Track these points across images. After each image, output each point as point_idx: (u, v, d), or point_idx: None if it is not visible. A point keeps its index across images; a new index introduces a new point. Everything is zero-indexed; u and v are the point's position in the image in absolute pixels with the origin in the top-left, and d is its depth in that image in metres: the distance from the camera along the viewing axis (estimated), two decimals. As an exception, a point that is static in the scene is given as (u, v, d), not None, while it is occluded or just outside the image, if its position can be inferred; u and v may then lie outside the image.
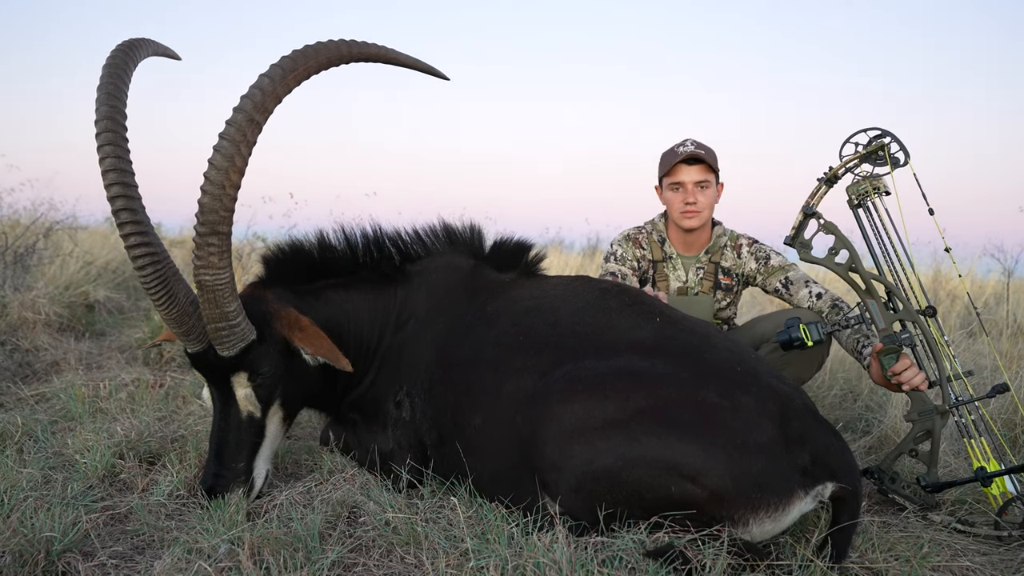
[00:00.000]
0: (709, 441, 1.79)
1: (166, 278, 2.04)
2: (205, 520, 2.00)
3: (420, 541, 1.89)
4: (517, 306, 2.41)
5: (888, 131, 2.48)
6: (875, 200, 2.52)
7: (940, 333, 2.43)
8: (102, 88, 2.01)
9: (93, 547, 1.89)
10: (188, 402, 3.29)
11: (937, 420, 2.39)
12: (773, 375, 2.07)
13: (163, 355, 4.23)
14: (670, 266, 3.27)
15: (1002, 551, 2.13)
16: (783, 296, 3.11)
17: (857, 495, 1.92)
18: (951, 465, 2.82)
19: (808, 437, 1.89)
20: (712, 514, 1.77)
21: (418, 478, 2.33)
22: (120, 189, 1.95)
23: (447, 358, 2.37)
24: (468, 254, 2.67)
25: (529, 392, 2.05)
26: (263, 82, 1.94)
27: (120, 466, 2.41)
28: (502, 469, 2.10)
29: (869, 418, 3.49)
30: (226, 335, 2.08)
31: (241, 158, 1.92)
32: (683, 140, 3.20)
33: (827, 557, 1.81)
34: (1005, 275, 6.00)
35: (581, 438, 1.85)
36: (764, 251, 3.19)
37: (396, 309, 2.56)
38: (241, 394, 2.21)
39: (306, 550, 1.83)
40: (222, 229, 1.95)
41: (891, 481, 2.44)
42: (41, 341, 4.29)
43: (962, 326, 5.42)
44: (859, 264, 2.48)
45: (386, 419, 2.45)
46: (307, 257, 2.54)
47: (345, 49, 2.06)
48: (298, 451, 2.77)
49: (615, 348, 2.10)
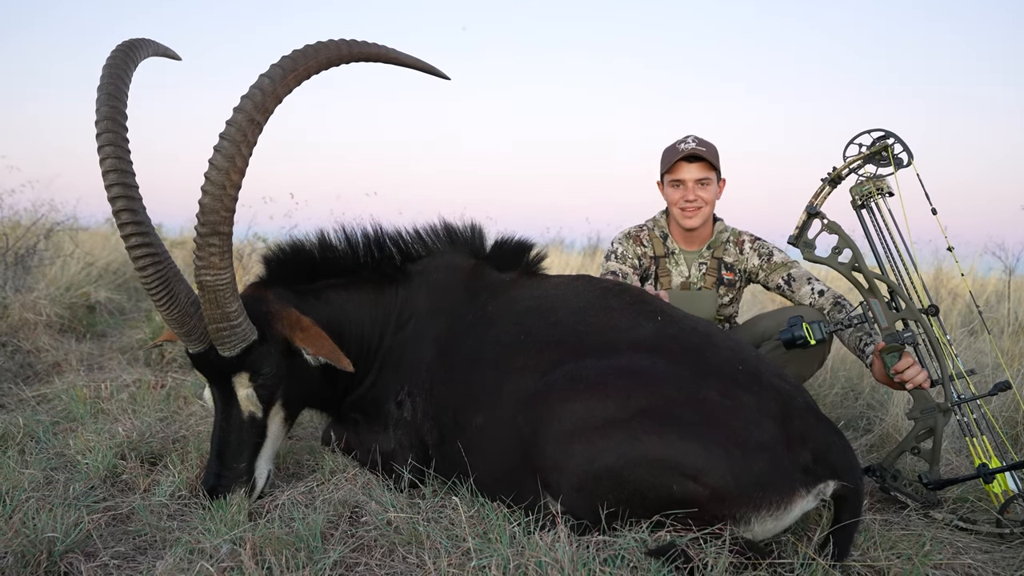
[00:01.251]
0: (711, 440, 1.79)
1: (167, 278, 2.04)
2: (207, 520, 2.00)
3: (422, 541, 1.89)
4: (518, 305, 2.41)
5: (891, 132, 2.48)
6: (878, 201, 2.52)
7: (942, 332, 2.43)
8: (102, 88, 2.01)
9: (95, 547, 1.89)
10: (190, 403, 3.29)
11: (939, 418, 2.39)
12: (775, 373, 2.07)
13: (164, 356, 4.23)
14: (672, 261, 3.27)
15: (1004, 549, 2.13)
16: (785, 293, 3.11)
17: (859, 493, 1.91)
18: (953, 463, 2.82)
19: (810, 435, 1.89)
20: (714, 513, 1.77)
21: (420, 478, 2.32)
22: (121, 190, 1.95)
23: (448, 358, 2.37)
24: (469, 254, 2.67)
25: (530, 391, 2.05)
26: (263, 82, 1.94)
27: (122, 467, 2.41)
28: (504, 468, 2.10)
29: (871, 416, 3.49)
30: (227, 335, 2.08)
31: (242, 158, 1.92)
32: (684, 137, 3.20)
33: (829, 555, 1.81)
34: (1007, 273, 5.99)
35: (582, 437, 1.85)
36: (767, 247, 3.19)
37: (397, 309, 2.56)
38: (243, 394, 2.21)
39: (308, 550, 1.83)
40: (223, 229, 1.95)
41: (893, 479, 2.44)
42: (42, 342, 4.29)
43: (964, 324, 5.42)
44: (862, 263, 2.48)
45: (387, 419, 2.45)
46: (308, 257, 2.54)
47: (345, 49, 2.06)
48: (300, 451, 2.77)
49: (616, 347, 2.10)
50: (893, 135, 2.48)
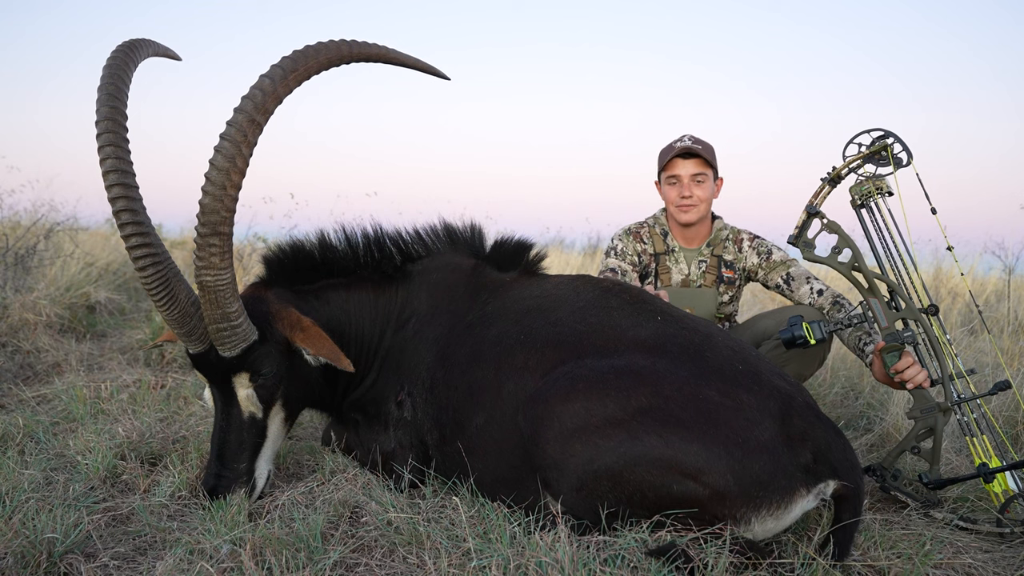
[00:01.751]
0: (711, 439, 1.79)
1: (167, 279, 2.04)
2: (207, 521, 2.00)
3: (422, 541, 1.89)
4: (518, 305, 2.41)
5: (891, 132, 2.49)
6: (878, 200, 2.52)
7: (942, 331, 2.44)
8: (103, 89, 2.01)
9: (95, 548, 1.89)
10: (189, 403, 3.29)
11: (939, 417, 2.39)
12: (775, 373, 2.07)
13: (164, 356, 4.23)
14: (672, 259, 3.28)
15: (1004, 548, 2.13)
16: (784, 292, 3.11)
17: (859, 493, 1.91)
18: (953, 463, 2.82)
19: (810, 435, 1.89)
20: (714, 512, 1.77)
21: (420, 478, 2.32)
22: (121, 190, 1.95)
23: (448, 357, 2.37)
24: (469, 254, 2.67)
25: (530, 391, 2.05)
26: (264, 83, 1.94)
27: (122, 467, 2.41)
28: (504, 468, 2.10)
29: (871, 415, 3.49)
30: (228, 336, 2.08)
31: (242, 158, 1.92)
32: (681, 135, 3.22)
33: (829, 555, 1.81)
34: (1006, 272, 6.00)
35: (582, 437, 1.85)
36: (766, 246, 3.20)
37: (397, 309, 2.56)
38: (243, 395, 2.21)
39: (308, 550, 1.83)
40: (223, 230, 1.95)
41: (893, 479, 2.44)
42: (42, 343, 4.29)
43: (964, 323, 5.42)
44: (862, 263, 2.48)
45: (388, 419, 2.45)
46: (308, 257, 2.54)
47: (346, 49, 2.06)
48: (300, 451, 2.77)
49: (616, 347, 2.10)
50: (892, 135, 2.48)
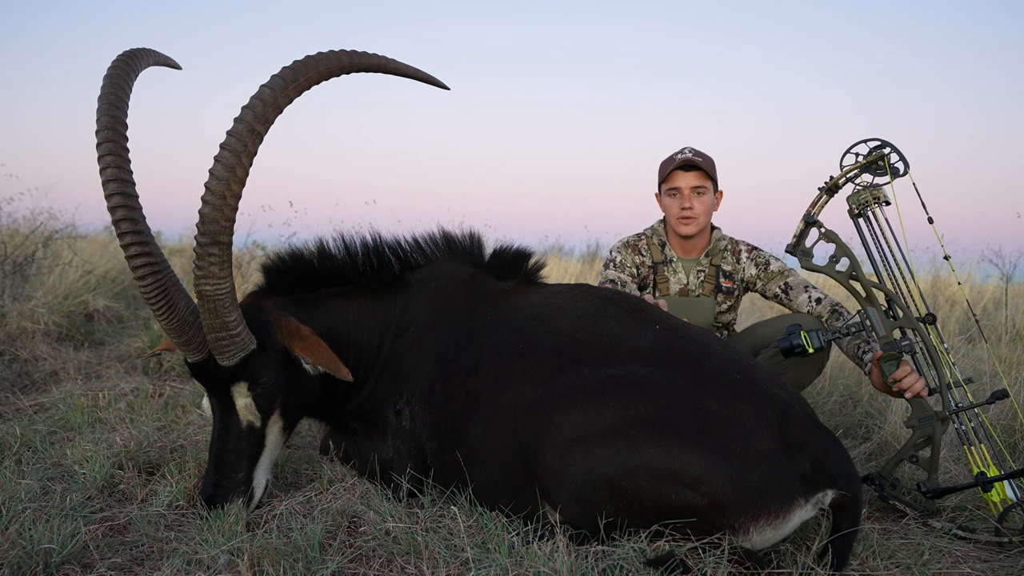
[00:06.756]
0: (709, 449, 1.79)
1: (166, 287, 2.04)
2: (205, 531, 1.99)
3: (420, 551, 1.88)
4: (517, 314, 2.41)
5: (888, 142, 2.50)
6: (875, 210, 2.54)
7: (940, 340, 2.44)
8: (103, 98, 2.01)
9: (92, 559, 1.88)
10: (187, 412, 3.28)
11: (937, 426, 2.39)
12: (773, 382, 2.07)
13: (162, 365, 4.22)
14: (671, 269, 3.29)
15: (1002, 558, 2.13)
16: (782, 301, 3.12)
17: (857, 502, 1.91)
18: (951, 471, 2.82)
19: (808, 444, 1.89)
20: (713, 522, 1.77)
21: (418, 487, 2.32)
22: (121, 199, 1.95)
23: (447, 366, 2.37)
24: (468, 262, 2.68)
25: (529, 400, 2.05)
26: (264, 93, 1.95)
27: (119, 476, 2.41)
28: (502, 478, 2.09)
29: (869, 424, 3.49)
30: (226, 345, 2.08)
31: (242, 168, 1.92)
32: (681, 148, 3.24)
33: (828, 564, 1.81)
34: (1004, 280, 6.02)
35: (581, 446, 1.85)
36: (763, 257, 3.21)
37: (396, 318, 2.56)
38: (241, 404, 2.20)
39: (306, 560, 1.82)
40: (223, 239, 1.96)
41: (891, 487, 2.44)
42: (40, 351, 4.28)
43: (961, 332, 5.43)
44: (860, 272, 2.49)
45: (386, 428, 2.45)
46: (307, 266, 2.54)
47: (346, 59, 2.07)
48: (298, 460, 2.77)
49: (615, 356, 2.10)
50: (889, 145, 2.50)
